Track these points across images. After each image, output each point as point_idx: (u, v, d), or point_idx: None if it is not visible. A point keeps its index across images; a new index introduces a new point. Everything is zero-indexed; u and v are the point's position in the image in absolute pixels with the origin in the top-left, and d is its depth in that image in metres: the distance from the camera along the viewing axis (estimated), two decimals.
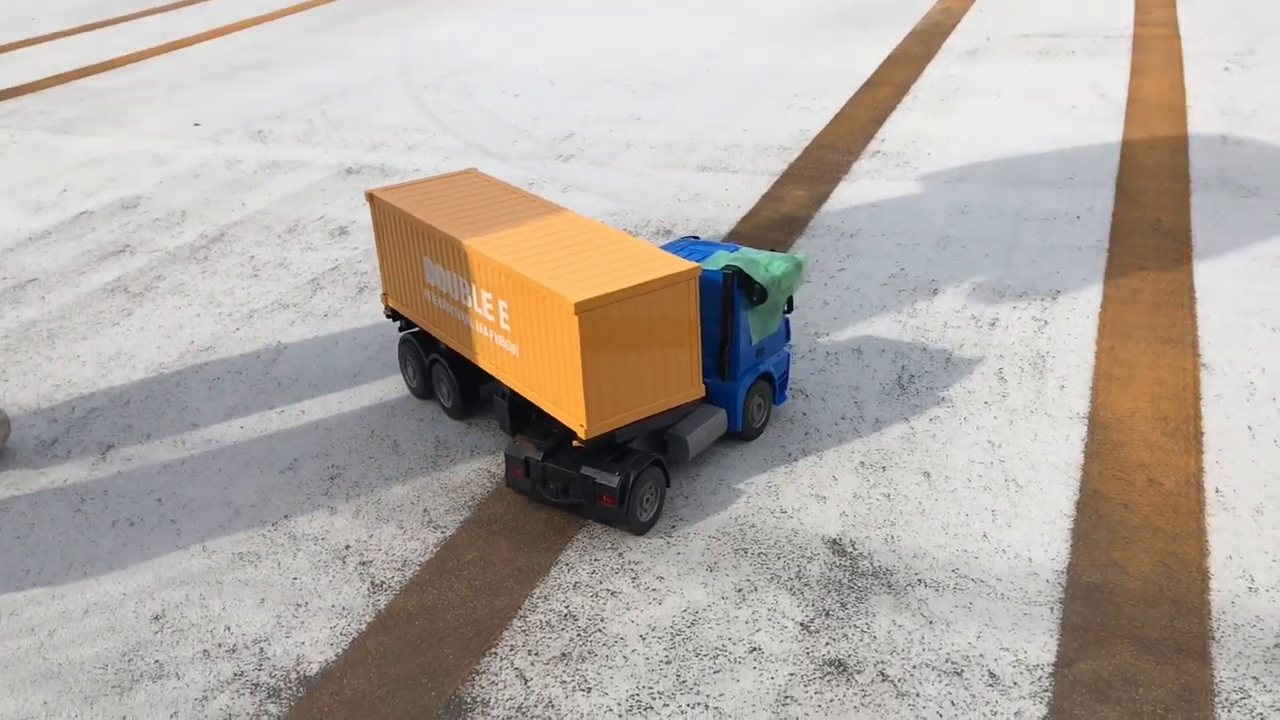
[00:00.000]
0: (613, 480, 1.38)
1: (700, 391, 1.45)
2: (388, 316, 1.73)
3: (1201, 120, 2.97)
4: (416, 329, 1.72)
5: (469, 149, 3.03)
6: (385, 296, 1.72)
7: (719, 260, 1.55)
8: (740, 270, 1.51)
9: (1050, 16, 4.27)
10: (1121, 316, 1.93)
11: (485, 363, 1.52)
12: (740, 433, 1.60)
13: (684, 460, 1.50)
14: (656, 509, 1.44)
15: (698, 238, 1.71)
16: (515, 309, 1.42)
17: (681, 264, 1.37)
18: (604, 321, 1.32)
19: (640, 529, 1.42)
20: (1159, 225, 2.30)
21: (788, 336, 1.65)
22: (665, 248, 1.61)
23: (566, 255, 1.42)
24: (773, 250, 1.59)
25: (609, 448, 1.44)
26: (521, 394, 1.47)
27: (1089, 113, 3.07)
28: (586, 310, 1.29)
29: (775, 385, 1.64)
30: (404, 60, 4.11)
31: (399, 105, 3.50)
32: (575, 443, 1.40)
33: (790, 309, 1.62)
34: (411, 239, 1.62)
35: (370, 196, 1.64)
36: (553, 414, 1.41)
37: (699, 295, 1.40)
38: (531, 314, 1.40)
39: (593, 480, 1.40)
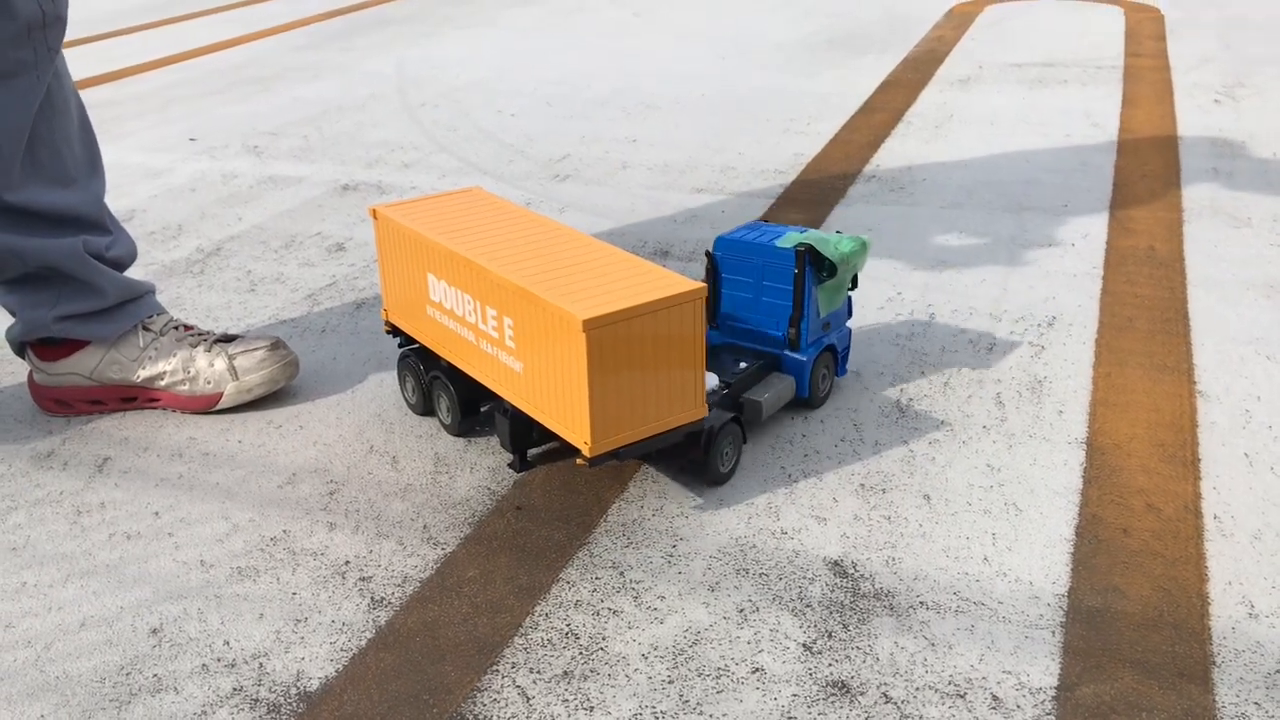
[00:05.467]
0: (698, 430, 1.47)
1: (703, 412, 1.46)
2: (388, 333, 1.74)
3: (1193, 151, 3.00)
4: (416, 345, 1.72)
5: (465, 167, 3.04)
6: (386, 312, 1.72)
7: (790, 239, 1.64)
8: (812, 247, 1.61)
9: (1042, 46, 4.31)
10: (1117, 343, 1.95)
11: (488, 379, 1.52)
12: (807, 400, 1.69)
13: (758, 421, 1.60)
14: (734, 463, 1.54)
15: (766, 220, 1.82)
16: (520, 325, 1.41)
17: (688, 284, 1.37)
18: (610, 339, 1.31)
19: (720, 479, 1.53)
20: (1153, 254, 2.32)
21: (849, 313, 1.76)
22: (737, 229, 1.69)
23: (573, 272, 1.41)
24: (838, 232, 1.70)
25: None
26: (524, 411, 1.48)
27: (1082, 141, 3.10)
28: (594, 328, 1.29)
29: (838, 357, 1.75)
30: (401, 78, 4.12)
31: (395, 123, 3.51)
32: (579, 460, 1.40)
33: (854, 286, 1.72)
34: (415, 255, 1.62)
35: (374, 212, 1.65)
36: (557, 431, 1.41)
37: (704, 315, 1.40)
38: (537, 331, 1.38)
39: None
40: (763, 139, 3.23)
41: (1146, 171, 2.86)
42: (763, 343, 1.68)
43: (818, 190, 2.78)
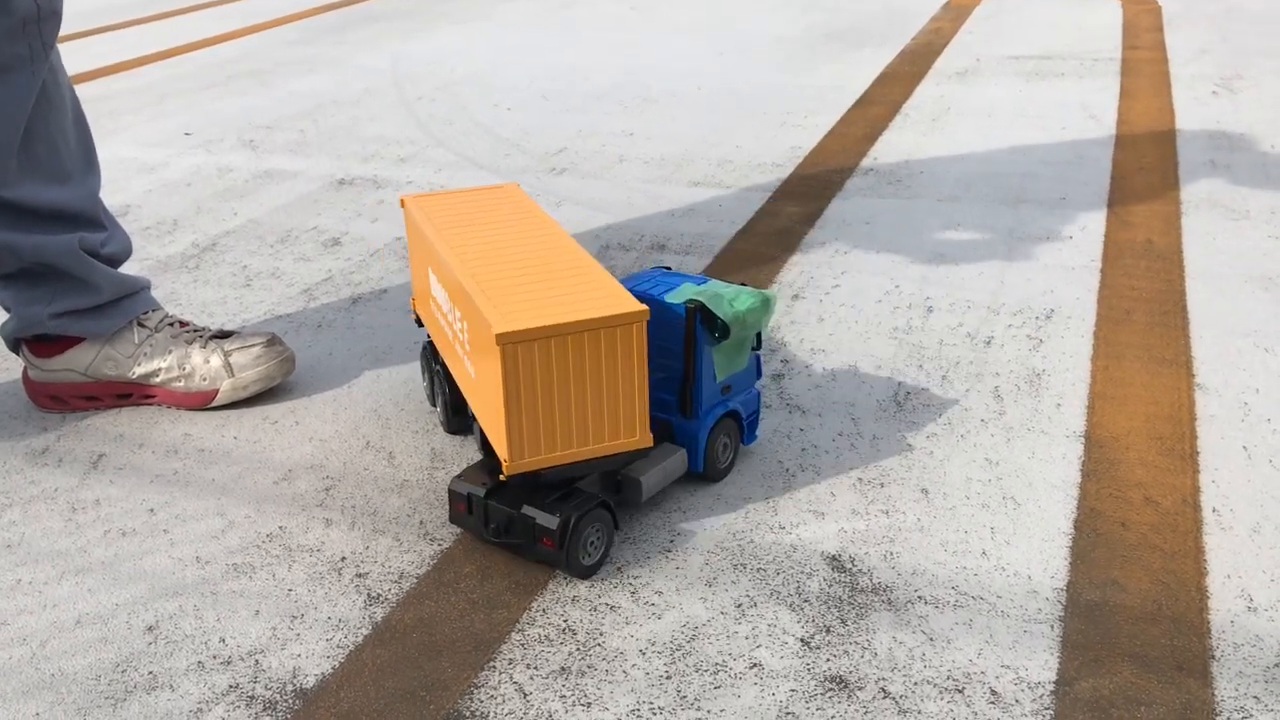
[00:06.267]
0: (552, 522, 1.32)
1: (647, 441, 1.36)
2: (416, 323, 1.74)
3: (1190, 143, 2.99)
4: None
5: (461, 162, 3.03)
6: (413, 301, 1.73)
7: (684, 293, 1.48)
8: (703, 305, 1.44)
9: (1039, 39, 4.31)
10: (1116, 336, 1.94)
11: (460, 379, 1.50)
12: (703, 474, 1.51)
13: (637, 502, 1.43)
14: (603, 553, 1.38)
15: (669, 268, 1.65)
16: (469, 329, 1.38)
17: (629, 305, 1.29)
18: (530, 355, 1.25)
19: (583, 573, 1.36)
20: (1151, 246, 2.31)
21: (759, 374, 1.58)
22: (633, 277, 1.56)
23: (525, 280, 1.36)
24: (743, 285, 1.55)
25: (553, 486, 1.37)
26: (477, 417, 1.44)
27: (1080, 134, 3.10)
28: (509, 342, 1.24)
29: (744, 424, 1.57)
30: (396, 72, 4.11)
31: (391, 117, 3.50)
32: (500, 476, 1.35)
33: (759, 345, 1.56)
34: (421, 248, 1.61)
35: (402, 202, 1.65)
36: (490, 442, 1.38)
37: (646, 339, 1.32)
38: (475, 336, 1.35)
39: (533, 521, 1.34)
40: (760, 132, 3.22)
41: (1144, 164, 2.85)
42: (653, 408, 1.50)
43: (815, 184, 2.77)
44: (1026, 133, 3.15)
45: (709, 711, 1.16)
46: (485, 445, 1.45)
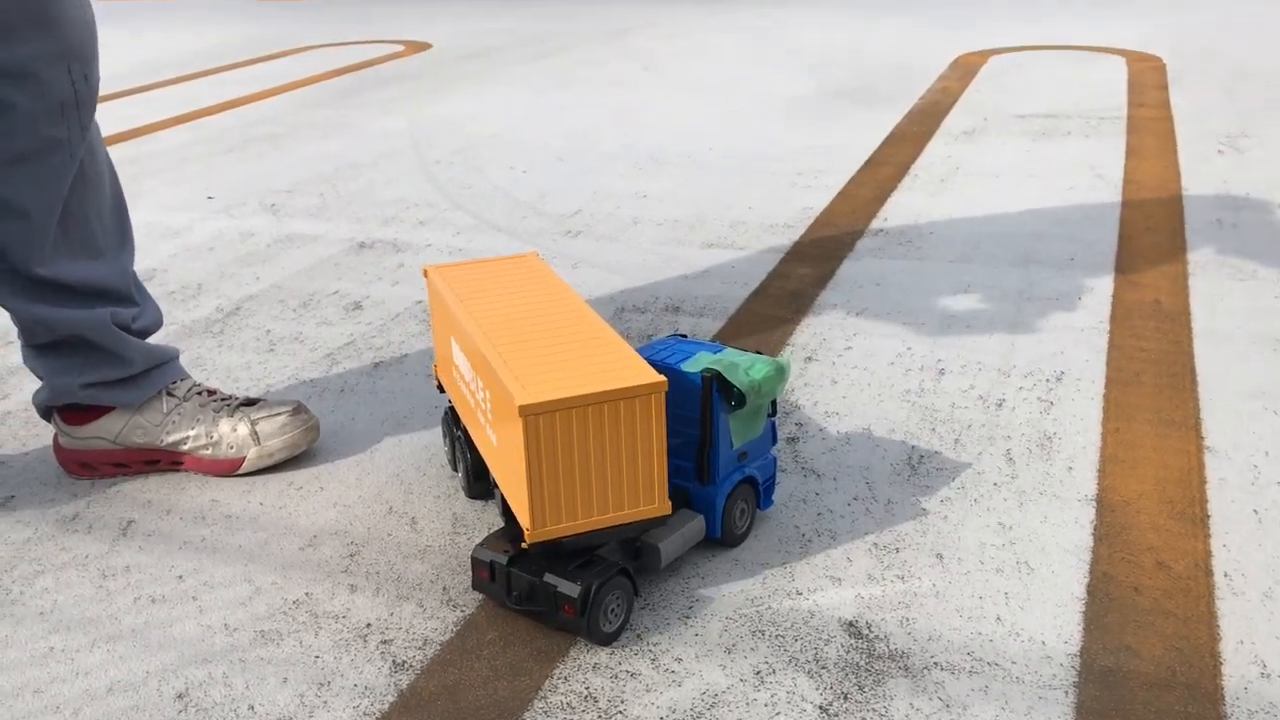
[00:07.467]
0: (574, 590, 1.34)
1: (666, 509, 1.39)
2: (437, 389, 1.78)
3: (1197, 203, 3.03)
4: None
5: (480, 225, 3.08)
6: (435, 368, 1.77)
7: (700, 361, 1.51)
8: (719, 374, 1.47)
9: (1045, 98, 4.37)
10: (1125, 398, 1.97)
11: (482, 447, 1.54)
12: (720, 539, 1.54)
13: (656, 568, 1.46)
14: (623, 619, 1.40)
15: (685, 335, 1.67)
16: (490, 398, 1.41)
17: (648, 377, 1.32)
18: (551, 427, 1.28)
19: (604, 640, 1.38)
20: (1159, 307, 2.35)
21: (774, 440, 1.61)
22: (650, 346, 1.59)
23: (545, 351, 1.39)
24: (758, 352, 1.58)
25: (574, 554, 1.39)
26: (498, 484, 1.48)
27: (1087, 194, 3.14)
28: (532, 414, 1.27)
29: (760, 490, 1.59)
30: (414, 135, 4.19)
31: (410, 180, 3.56)
32: (522, 544, 1.38)
33: (774, 412, 1.59)
34: (444, 316, 1.65)
35: (425, 272, 1.70)
36: (513, 509, 1.41)
37: (664, 409, 1.35)
38: (496, 405, 1.38)
39: (554, 589, 1.36)
40: (771, 193, 3.27)
41: (1151, 224, 2.89)
42: (671, 474, 1.51)
43: (826, 245, 2.81)
44: (1034, 193, 3.19)
45: None
46: (507, 512, 1.48)
